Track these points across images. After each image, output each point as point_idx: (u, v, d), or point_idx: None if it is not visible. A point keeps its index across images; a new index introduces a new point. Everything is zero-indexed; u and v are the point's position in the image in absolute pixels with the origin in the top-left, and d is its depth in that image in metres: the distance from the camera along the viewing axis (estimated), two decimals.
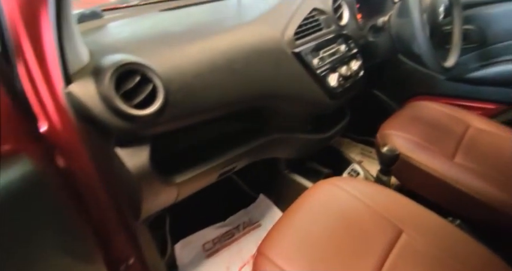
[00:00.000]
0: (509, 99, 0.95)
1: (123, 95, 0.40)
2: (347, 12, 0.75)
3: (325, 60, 0.67)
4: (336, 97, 0.71)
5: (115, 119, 0.39)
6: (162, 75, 0.44)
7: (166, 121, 0.45)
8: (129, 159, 0.43)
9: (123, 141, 0.43)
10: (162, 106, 0.43)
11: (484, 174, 0.69)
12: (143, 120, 0.42)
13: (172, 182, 0.52)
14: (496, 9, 0.90)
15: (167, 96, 0.44)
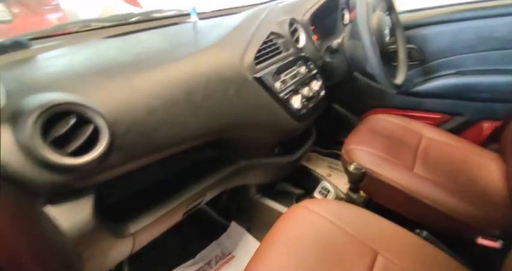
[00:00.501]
0: (450, 109, 1.05)
1: (54, 142, 0.33)
2: (303, 35, 0.77)
3: (287, 83, 0.67)
4: (302, 119, 0.70)
5: (42, 172, 0.32)
6: (107, 114, 0.38)
7: (113, 166, 0.39)
8: (64, 219, 0.35)
9: (55, 197, 0.35)
10: (106, 150, 0.37)
11: (440, 183, 0.74)
12: (82, 170, 0.35)
13: (126, 233, 0.45)
14: (430, 30, 1.01)
15: (113, 138, 0.38)
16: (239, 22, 0.69)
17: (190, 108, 0.48)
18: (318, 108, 0.79)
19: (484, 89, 0.95)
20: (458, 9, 0.96)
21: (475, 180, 0.76)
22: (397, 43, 0.91)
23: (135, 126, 0.41)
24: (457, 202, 0.68)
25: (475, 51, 0.95)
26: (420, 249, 0.58)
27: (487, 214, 0.66)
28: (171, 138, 0.46)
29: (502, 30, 0.89)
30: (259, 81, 0.59)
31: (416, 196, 0.71)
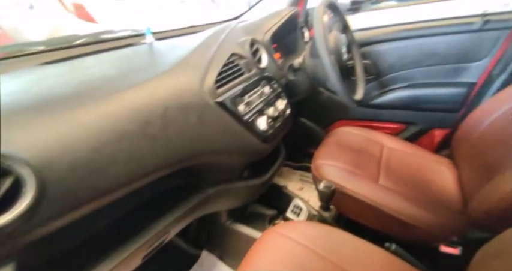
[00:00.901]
0: (405, 119, 1.13)
1: None
2: (265, 54, 0.77)
3: (251, 105, 0.65)
4: (269, 140, 0.69)
5: None
6: (35, 159, 0.32)
7: (46, 221, 0.33)
8: None
9: None
10: (32, 205, 0.31)
11: (402, 193, 0.77)
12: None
13: None
14: (382, 47, 1.09)
15: (42, 188, 0.32)
16: (198, 43, 0.66)
17: (147, 141, 0.44)
18: (285, 127, 0.78)
19: (432, 100, 1.05)
20: (404, 28, 1.05)
21: (431, 186, 0.82)
22: (354, 60, 0.96)
23: (76, 168, 0.36)
24: (417, 210, 0.71)
25: (421, 66, 1.04)
26: (389, 264, 0.59)
27: (444, 220, 0.70)
28: (125, 176, 0.41)
29: (442, 47, 0.98)
30: (221, 105, 0.56)
31: (382, 208, 0.73)
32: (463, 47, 0.95)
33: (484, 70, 0.94)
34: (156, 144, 0.45)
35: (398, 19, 1.12)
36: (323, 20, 0.73)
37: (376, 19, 1.66)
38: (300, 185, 1.25)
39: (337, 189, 0.79)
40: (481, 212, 0.64)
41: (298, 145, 1.30)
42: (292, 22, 0.95)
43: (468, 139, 0.84)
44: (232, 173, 0.70)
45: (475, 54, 0.94)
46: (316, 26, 0.71)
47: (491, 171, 0.66)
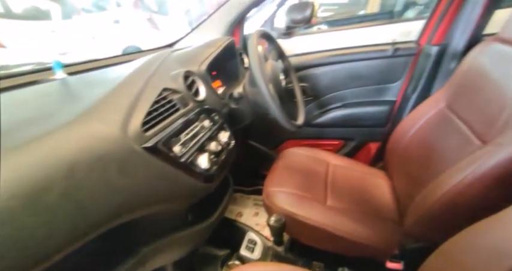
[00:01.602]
0: (344, 135, 1.22)
1: None
2: (203, 86, 0.73)
3: (189, 144, 0.59)
4: (212, 178, 0.64)
5: None
6: None
7: None
8: None
9: None
10: None
11: (347, 211, 0.80)
12: None
13: None
14: (316, 71, 1.17)
15: None
16: (122, 78, 0.59)
17: (44, 214, 0.34)
18: (230, 160, 0.75)
19: (363, 117, 1.15)
20: (334, 54, 1.16)
21: (370, 200, 0.87)
22: (292, 85, 1.00)
23: None
24: (360, 227, 0.74)
25: (350, 87, 1.14)
26: None
27: (384, 234, 0.74)
28: (16, 263, 0.31)
29: (365, 71, 1.11)
30: (151, 150, 0.49)
31: (331, 230, 0.74)
32: (382, 71, 1.08)
33: (400, 90, 1.08)
34: (58, 214, 0.36)
35: (329, 45, 1.23)
36: (258, 51, 0.74)
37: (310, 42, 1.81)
38: (254, 210, 1.22)
39: (289, 216, 0.78)
40: (413, 222, 0.69)
41: (249, 169, 1.28)
42: (229, 50, 0.95)
43: (396, 151, 0.93)
44: (174, 221, 0.62)
45: (391, 77, 1.08)
46: (251, 58, 0.71)
47: (420, 181, 0.73)
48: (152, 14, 2.74)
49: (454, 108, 0.77)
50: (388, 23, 1.91)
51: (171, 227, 0.62)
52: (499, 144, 0.55)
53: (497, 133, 0.58)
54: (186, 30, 1.07)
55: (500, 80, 0.62)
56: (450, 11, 0.89)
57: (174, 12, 2.93)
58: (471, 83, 0.72)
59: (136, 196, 0.47)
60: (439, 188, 0.62)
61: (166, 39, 1.12)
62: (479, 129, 0.64)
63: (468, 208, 0.62)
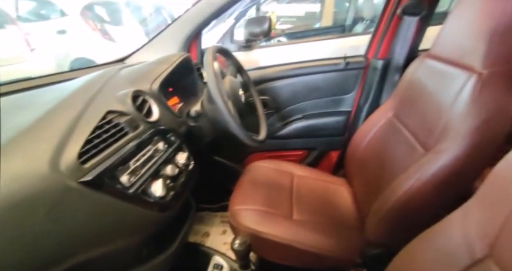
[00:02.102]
0: (306, 146, 1.25)
1: None
2: (155, 106, 0.69)
3: (139, 171, 0.54)
4: (169, 207, 0.59)
5: None
6: None
7: None
8: None
9: None
10: None
11: (313, 223, 0.81)
12: None
13: None
14: (276, 84, 1.19)
15: None
16: (57, 101, 0.52)
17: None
18: (190, 183, 0.70)
19: (323, 127, 1.20)
20: (292, 67, 1.19)
21: (334, 209, 0.89)
22: (253, 100, 1.00)
23: None
24: (325, 239, 0.75)
25: (309, 99, 1.18)
26: None
27: (348, 243, 0.76)
28: None
29: (321, 83, 1.15)
30: (91, 185, 0.43)
31: (297, 245, 0.74)
32: (336, 83, 1.14)
33: (354, 101, 1.15)
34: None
35: (288, 57, 1.27)
36: (214, 68, 0.72)
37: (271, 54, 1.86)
38: (222, 228, 1.17)
39: (255, 235, 0.76)
40: (373, 229, 0.72)
41: (215, 185, 1.23)
42: (185, 66, 0.92)
43: (354, 159, 0.98)
44: (123, 261, 0.56)
45: (345, 88, 1.15)
46: (207, 75, 0.69)
47: (376, 188, 0.77)
48: (104, 24, 2.57)
49: (400, 118, 0.83)
50: (340, 37, 2.05)
51: (121, 267, 0.55)
52: (438, 152, 0.60)
53: (436, 141, 0.63)
54: (143, 41, 1.01)
55: (434, 93, 0.69)
56: (390, 28, 0.98)
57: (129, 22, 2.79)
58: (412, 95, 0.79)
59: (77, 239, 0.41)
60: (392, 195, 0.66)
61: (122, 51, 1.05)
62: (422, 138, 0.70)
63: (420, 213, 0.66)
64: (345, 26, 2.56)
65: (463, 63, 0.61)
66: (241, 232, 0.79)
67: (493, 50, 0.55)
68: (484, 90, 0.55)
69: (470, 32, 0.59)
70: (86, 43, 2.41)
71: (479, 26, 0.56)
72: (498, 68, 0.55)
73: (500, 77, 0.54)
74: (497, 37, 0.54)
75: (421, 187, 0.61)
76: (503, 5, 0.52)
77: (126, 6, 2.82)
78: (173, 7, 3.55)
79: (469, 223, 0.40)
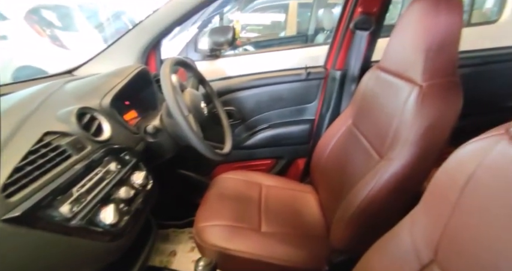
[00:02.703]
0: (274, 155, 1.26)
1: None
2: (107, 123, 0.64)
3: (84, 199, 0.48)
4: (123, 234, 0.54)
5: None
6: None
7: None
8: None
9: None
10: None
11: (281, 234, 0.80)
12: None
13: None
14: (241, 94, 1.18)
15: None
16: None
17: None
18: (148, 204, 0.66)
19: (288, 136, 1.22)
20: (257, 78, 1.19)
21: (301, 218, 0.90)
22: (215, 109, 0.98)
23: None
24: (293, 250, 0.75)
25: (274, 109, 1.20)
26: None
27: (314, 253, 0.76)
28: None
29: (285, 93, 1.18)
30: (18, 222, 0.37)
31: (265, 259, 0.73)
32: (299, 92, 1.17)
33: (316, 109, 1.19)
34: None
35: (254, 66, 1.28)
36: (171, 81, 0.69)
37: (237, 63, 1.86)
38: (190, 245, 1.12)
39: (222, 253, 0.73)
40: (337, 235, 0.73)
41: (181, 200, 1.18)
42: (142, 79, 0.87)
43: (318, 167, 1.00)
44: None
45: (308, 98, 1.18)
46: (164, 89, 0.66)
47: (339, 194, 0.79)
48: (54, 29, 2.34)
49: (357, 126, 0.88)
50: (303, 46, 2.13)
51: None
52: (389, 159, 0.64)
53: (388, 149, 0.67)
54: (100, 49, 0.94)
55: (384, 103, 0.73)
56: (345, 41, 1.04)
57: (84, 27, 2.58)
58: (366, 104, 0.84)
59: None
60: (353, 202, 0.68)
61: (77, 59, 0.96)
62: (376, 145, 0.74)
63: (379, 218, 0.69)
64: (308, 36, 2.67)
65: (407, 75, 0.67)
66: (207, 250, 0.76)
67: (429, 65, 0.60)
68: (425, 101, 0.59)
69: (410, 47, 0.65)
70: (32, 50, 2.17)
71: (417, 42, 0.62)
72: (435, 80, 0.60)
73: (438, 89, 0.60)
74: (432, 53, 0.59)
75: (377, 193, 0.64)
76: (436, 24, 0.58)
77: (79, 11, 2.61)
78: (135, 12, 3.39)
79: (416, 230, 0.42)
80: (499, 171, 0.30)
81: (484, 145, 0.32)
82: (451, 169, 0.37)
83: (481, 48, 1.19)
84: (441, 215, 0.38)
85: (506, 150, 0.30)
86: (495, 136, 0.32)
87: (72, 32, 2.56)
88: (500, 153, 0.30)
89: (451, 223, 0.36)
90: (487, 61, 1.13)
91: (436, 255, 0.38)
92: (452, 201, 0.35)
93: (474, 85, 0.94)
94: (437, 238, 0.38)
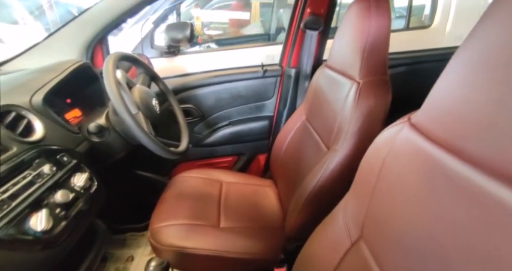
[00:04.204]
0: (235, 151, 1.27)
1: None
2: (38, 121, 0.58)
3: (7, 206, 0.43)
4: (57, 241, 0.50)
5: None
6: None
7: None
8: None
9: None
10: None
11: (240, 228, 0.82)
12: None
13: None
14: (200, 92, 1.17)
15: None
16: None
17: None
18: (94, 206, 0.62)
19: (249, 132, 1.24)
20: (215, 75, 1.19)
21: (260, 211, 0.93)
22: (173, 109, 0.96)
23: None
24: (250, 243, 0.77)
25: (234, 106, 1.21)
26: None
27: (271, 244, 0.79)
28: None
29: (244, 90, 1.19)
30: None
31: (223, 254, 0.74)
32: (257, 89, 1.20)
33: (274, 106, 1.22)
34: None
35: (214, 66, 1.26)
36: (115, 77, 0.66)
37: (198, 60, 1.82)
38: (149, 248, 1.08)
39: (178, 252, 0.72)
40: (291, 223, 0.77)
41: (139, 202, 1.13)
42: (84, 74, 0.81)
43: (277, 161, 1.04)
44: None
45: (266, 95, 1.21)
46: (107, 86, 0.63)
47: (294, 186, 0.83)
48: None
49: (310, 120, 0.93)
50: (265, 45, 2.17)
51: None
52: (334, 151, 0.69)
53: (334, 141, 0.72)
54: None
55: (331, 98, 0.79)
56: (297, 40, 1.09)
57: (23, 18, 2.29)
58: (317, 100, 0.89)
59: None
60: (305, 191, 0.72)
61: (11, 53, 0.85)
62: (324, 138, 0.79)
63: (327, 205, 0.74)
64: (270, 35, 2.72)
65: (348, 73, 0.72)
66: (163, 252, 0.74)
67: (365, 64, 0.66)
68: (361, 96, 0.65)
69: (349, 47, 0.70)
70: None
71: (354, 43, 0.67)
72: (369, 78, 0.66)
73: (371, 85, 0.66)
74: (367, 53, 0.65)
75: (324, 182, 0.69)
76: (368, 26, 0.64)
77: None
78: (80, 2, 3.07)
79: (347, 211, 0.47)
80: (402, 154, 0.34)
81: (393, 132, 0.37)
82: (370, 157, 0.42)
83: (413, 50, 1.34)
84: (365, 197, 0.42)
85: (407, 135, 0.34)
86: (401, 124, 0.36)
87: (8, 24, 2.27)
88: (403, 138, 0.35)
89: (372, 204, 0.40)
90: (417, 61, 1.28)
91: (362, 232, 0.42)
92: (372, 184, 0.40)
93: (406, 82, 1.06)
94: (363, 217, 0.42)
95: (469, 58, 0.27)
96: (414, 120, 0.34)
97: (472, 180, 0.25)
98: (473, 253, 0.24)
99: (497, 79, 0.23)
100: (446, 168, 0.28)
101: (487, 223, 0.23)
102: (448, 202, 0.27)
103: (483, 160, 0.24)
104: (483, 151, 0.24)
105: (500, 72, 0.23)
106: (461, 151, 0.26)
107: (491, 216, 0.23)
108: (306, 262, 0.53)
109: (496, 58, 0.23)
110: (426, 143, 0.31)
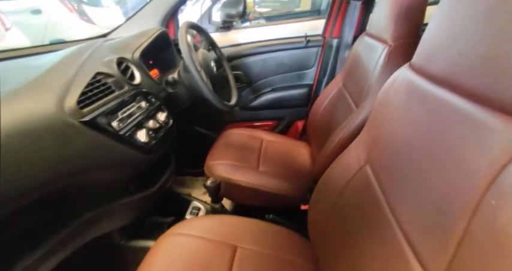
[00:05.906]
0: (276, 116, 1.42)
1: None
2: (137, 72, 0.82)
3: (126, 121, 0.68)
4: (151, 151, 0.74)
5: None
6: None
7: None
8: None
9: None
10: None
11: (275, 173, 0.99)
12: None
13: None
14: (248, 60, 1.33)
15: None
16: (54, 63, 0.64)
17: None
18: (169, 136, 0.85)
19: (289, 99, 1.37)
20: (262, 45, 1.33)
21: (294, 163, 1.08)
22: (226, 71, 1.15)
23: None
24: (283, 183, 0.94)
25: (277, 74, 1.34)
26: (268, 231, 0.72)
27: (301, 185, 0.95)
28: None
29: (287, 59, 1.31)
30: (89, 124, 0.57)
31: (260, 188, 0.92)
32: (299, 59, 1.30)
33: (315, 75, 1.32)
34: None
35: (258, 37, 1.40)
36: (187, 40, 0.85)
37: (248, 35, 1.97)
38: (203, 190, 1.34)
39: (225, 182, 0.93)
40: (318, 167, 0.91)
41: (196, 153, 1.39)
42: (163, 40, 1.04)
43: (312, 125, 1.16)
44: (115, 190, 0.71)
45: (307, 64, 1.31)
46: (181, 46, 0.83)
47: (325, 139, 0.96)
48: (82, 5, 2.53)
49: (346, 86, 1.01)
50: (313, 19, 2.18)
51: (113, 195, 0.71)
52: (361, 108, 0.79)
53: (363, 99, 0.82)
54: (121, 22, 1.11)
55: (365, 62, 0.86)
56: (341, 11, 1.14)
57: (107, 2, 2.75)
58: (353, 66, 0.97)
59: (80, 161, 0.55)
60: (332, 143, 0.85)
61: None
62: (355, 98, 0.88)
63: None
64: (320, 10, 2.68)
65: (382, 37, 0.79)
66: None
67: (397, 28, 0.72)
68: (391, 58, 0.72)
69: (387, 12, 0.76)
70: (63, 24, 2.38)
71: (390, 9, 0.73)
72: (401, 41, 0.73)
73: (403, 47, 0.72)
74: (401, 18, 0.71)
75: (349, 135, 0.80)
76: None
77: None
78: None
79: (359, 142, 0.59)
80: (401, 90, 0.45)
81: (397, 74, 0.47)
82: (380, 95, 0.52)
83: None
84: (373, 126, 0.54)
85: (405, 74, 0.45)
86: (404, 67, 0.46)
87: (97, 8, 2.73)
88: (402, 77, 0.45)
89: (378, 132, 0.52)
90: None
91: (369, 157, 0.54)
92: (379, 116, 0.51)
93: None
94: (370, 144, 0.54)
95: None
96: (412, 61, 0.44)
97: (464, 109, 0.30)
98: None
99: (481, 15, 0.28)
100: (438, 98, 0.35)
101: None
102: (441, 127, 0.33)
103: (476, 90, 0.29)
104: (475, 83, 0.29)
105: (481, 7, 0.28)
106: (453, 84, 0.33)
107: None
108: (323, 185, 0.68)
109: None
110: (421, 79, 0.41)
